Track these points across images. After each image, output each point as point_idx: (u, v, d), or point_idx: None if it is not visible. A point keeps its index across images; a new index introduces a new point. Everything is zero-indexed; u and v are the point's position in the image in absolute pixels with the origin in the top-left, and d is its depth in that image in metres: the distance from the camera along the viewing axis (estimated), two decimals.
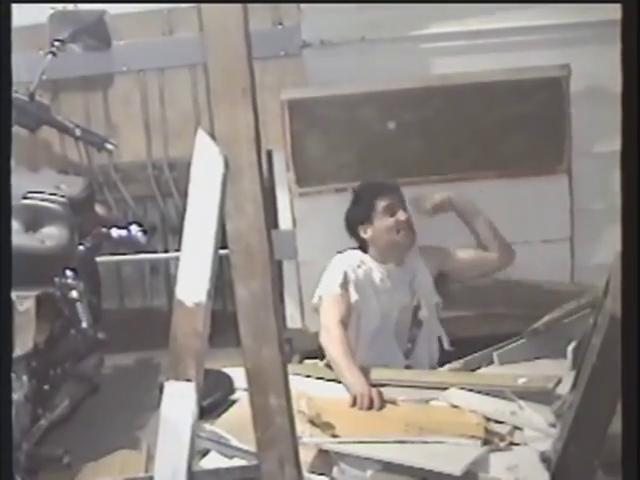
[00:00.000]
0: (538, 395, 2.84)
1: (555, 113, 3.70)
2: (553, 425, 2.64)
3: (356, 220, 3.47)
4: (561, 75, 3.68)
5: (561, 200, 3.76)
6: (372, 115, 3.67)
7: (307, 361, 3.49)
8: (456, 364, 3.24)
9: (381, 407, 2.91)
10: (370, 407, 2.90)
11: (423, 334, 3.43)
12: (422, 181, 3.65)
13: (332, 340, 3.19)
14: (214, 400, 3.00)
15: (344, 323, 3.25)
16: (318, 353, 3.32)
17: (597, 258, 3.70)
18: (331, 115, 3.64)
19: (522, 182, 3.71)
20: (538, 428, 2.67)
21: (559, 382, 2.82)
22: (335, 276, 3.36)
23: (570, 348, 3.04)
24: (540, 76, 3.68)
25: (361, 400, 2.92)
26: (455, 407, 2.86)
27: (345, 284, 3.34)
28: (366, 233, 3.44)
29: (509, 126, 3.62)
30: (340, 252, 3.47)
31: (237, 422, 2.71)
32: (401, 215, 3.39)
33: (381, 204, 3.40)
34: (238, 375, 2.82)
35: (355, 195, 3.51)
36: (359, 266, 3.40)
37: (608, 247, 2.47)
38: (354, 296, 3.34)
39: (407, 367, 3.36)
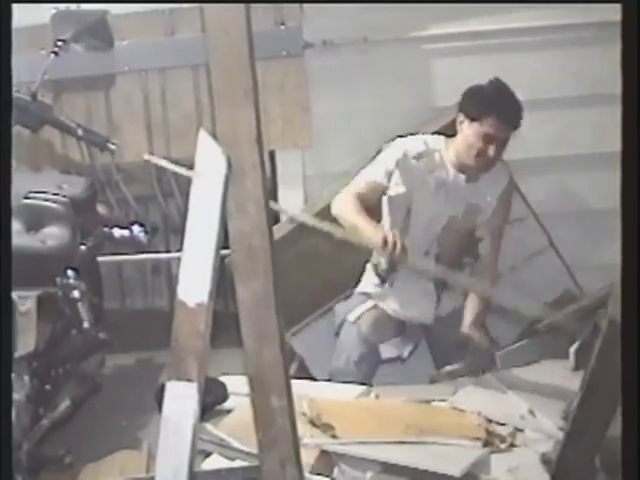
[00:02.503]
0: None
1: None
2: (563, 429, 2.63)
3: (464, 105, 3.29)
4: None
5: (523, 216, 3.78)
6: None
7: None
8: (456, 365, 3.24)
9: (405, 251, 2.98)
10: (398, 247, 2.96)
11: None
12: None
13: (343, 204, 3.23)
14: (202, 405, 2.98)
15: (360, 198, 3.23)
16: None
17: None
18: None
19: None
20: (548, 432, 2.66)
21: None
22: (385, 161, 3.31)
23: (572, 349, 3.04)
24: (441, 124, 3.67)
25: (391, 239, 2.97)
26: (459, 409, 2.85)
27: (389, 173, 3.29)
28: (461, 124, 3.30)
29: None
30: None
31: (239, 425, 2.71)
32: (490, 150, 3.22)
33: (486, 125, 3.21)
34: (237, 382, 2.81)
35: (486, 87, 3.27)
36: (419, 157, 3.30)
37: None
38: (394, 189, 3.29)
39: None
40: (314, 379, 3.46)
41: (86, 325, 3.03)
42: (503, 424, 2.74)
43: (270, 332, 1.79)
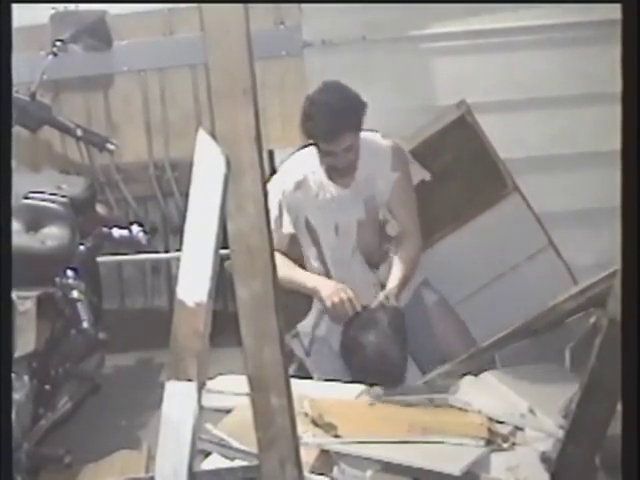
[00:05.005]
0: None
1: (474, 146, 3.73)
2: (563, 427, 2.63)
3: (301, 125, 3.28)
4: (462, 112, 3.71)
5: (523, 215, 3.79)
6: None
7: None
8: (454, 365, 3.23)
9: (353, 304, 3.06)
10: (347, 302, 3.05)
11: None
12: None
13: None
14: None
15: (280, 251, 3.20)
16: None
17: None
18: None
19: (480, 220, 3.74)
20: (548, 431, 2.65)
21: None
22: (272, 210, 3.30)
23: (567, 348, 3.04)
24: (443, 125, 3.68)
25: (333, 301, 3.07)
26: (461, 408, 2.84)
27: (280, 217, 3.32)
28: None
29: (440, 182, 3.57)
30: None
31: (238, 425, 2.71)
32: (338, 162, 3.23)
33: (321, 144, 3.22)
34: (237, 381, 2.81)
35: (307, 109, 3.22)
36: (298, 187, 3.32)
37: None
38: (288, 228, 3.32)
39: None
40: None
41: (85, 325, 3.03)
42: (503, 422, 2.74)
43: (270, 332, 1.78)
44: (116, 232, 3.43)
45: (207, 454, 2.65)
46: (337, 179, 3.32)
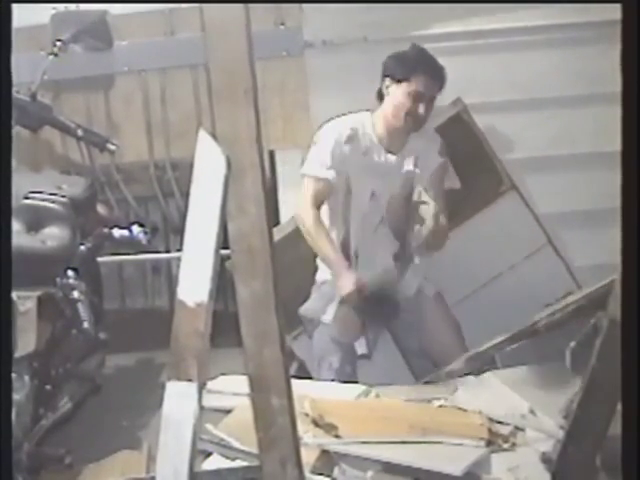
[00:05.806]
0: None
1: (471, 144, 3.74)
2: (564, 428, 2.62)
3: (390, 70, 3.36)
4: (458, 110, 3.72)
5: (521, 214, 3.79)
6: None
7: None
8: (455, 365, 3.23)
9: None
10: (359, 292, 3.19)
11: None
12: None
13: (304, 215, 3.29)
14: None
15: (317, 200, 3.30)
16: None
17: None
18: None
19: (478, 218, 3.76)
20: (549, 431, 2.65)
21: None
22: (322, 156, 3.31)
23: (568, 348, 3.03)
24: (439, 123, 3.69)
25: (347, 291, 3.19)
26: (461, 409, 2.84)
27: (330, 164, 3.30)
28: (387, 88, 3.37)
29: None
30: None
31: (239, 425, 2.71)
32: (420, 108, 3.29)
33: (415, 83, 3.28)
34: (237, 382, 2.81)
35: (408, 51, 3.37)
36: (349, 141, 3.33)
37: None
38: (331, 174, 3.29)
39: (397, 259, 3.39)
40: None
41: (86, 325, 3.04)
42: (503, 422, 2.73)
43: (270, 332, 1.78)
44: (117, 232, 3.43)
45: (208, 454, 2.66)
46: (393, 140, 3.36)
